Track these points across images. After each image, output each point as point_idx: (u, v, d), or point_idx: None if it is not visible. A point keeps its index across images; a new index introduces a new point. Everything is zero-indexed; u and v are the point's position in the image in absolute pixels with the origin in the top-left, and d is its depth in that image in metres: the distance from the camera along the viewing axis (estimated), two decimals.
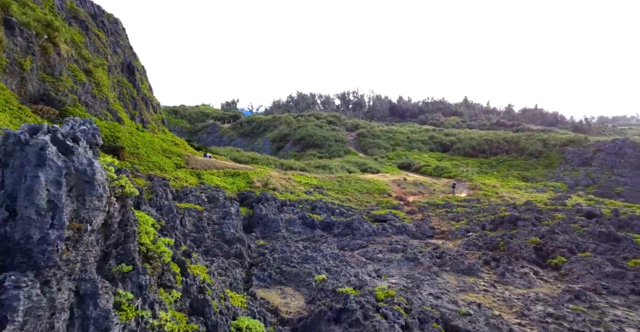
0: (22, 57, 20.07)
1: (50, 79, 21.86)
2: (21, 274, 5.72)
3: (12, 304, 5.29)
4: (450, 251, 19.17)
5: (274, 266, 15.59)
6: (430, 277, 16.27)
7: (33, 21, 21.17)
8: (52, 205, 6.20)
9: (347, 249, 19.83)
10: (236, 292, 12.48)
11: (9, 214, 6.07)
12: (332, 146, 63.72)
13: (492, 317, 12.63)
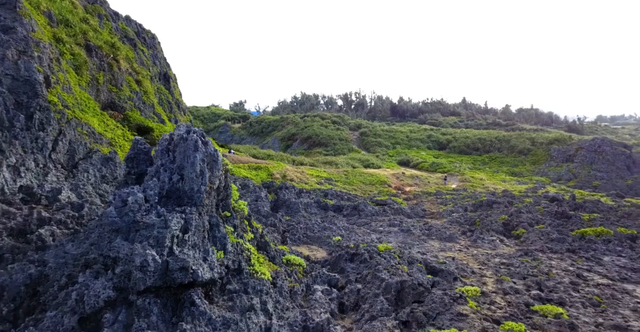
0: (97, 73, 25.30)
1: (114, 89, 27.10)
2: (190, 208, 10.99)
3: (191, 221, 10.55)
4: (436, 226, 24.32)
5: (300, 233, 20.77)
6: (419, 242, 21.40)
7: (103, 43, 26.42)
8: (202, 172, 11.48)
9: (354, 225, 24.98)
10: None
11: (180, 177, 11.33)
12: (337, 144, 68.86)
13: (461, 264, 17.79)
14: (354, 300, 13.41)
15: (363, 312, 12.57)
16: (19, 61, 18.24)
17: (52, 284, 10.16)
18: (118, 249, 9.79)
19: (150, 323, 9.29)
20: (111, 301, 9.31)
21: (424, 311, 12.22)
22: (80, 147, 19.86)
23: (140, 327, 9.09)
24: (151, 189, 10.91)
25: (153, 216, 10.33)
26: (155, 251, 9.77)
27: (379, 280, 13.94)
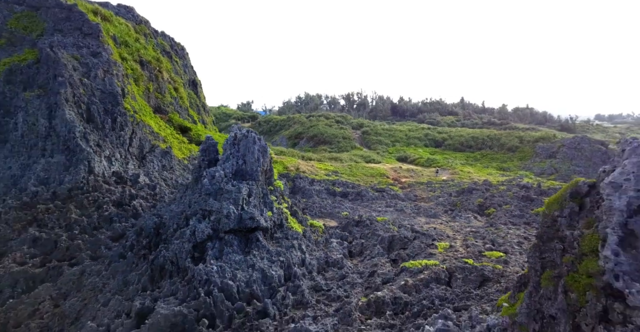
0: (148, 83, 31.09)
1: (159, 96, 32.89)
2: (251, 182, 16.80)
3: (252, 190, 16.32)
4: (424, 207, 30.06)
5: (316, 210, 26.55)
6: (409, 218, 27.12)
7: (151, 58, 32.22)
8: (258, 159, 17.31)
9: (358, 206, 30.72)
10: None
11: (243, 161, 17.16)
12: (341, 142, 74.55)
13: (440, 231, 23.50)
14: (358, 249, 19.19)
15: (365, 255, 18.35)
16: (105, 78, 24.05)
17: (168, 227, 15.97)
18: (212, 205, 15.57)
19: (233, 250, 15.11)
20: (210, 236, 15.11)
21: (406, 253, 17.98)
22: (146, 143, 25.65)
23: (228, 252, 14.92)
24: (227, 169, 16.67)
25: (230, 186, 16.12)
26: (233, 207, 15.56)
27: (376, 236, 19.72)
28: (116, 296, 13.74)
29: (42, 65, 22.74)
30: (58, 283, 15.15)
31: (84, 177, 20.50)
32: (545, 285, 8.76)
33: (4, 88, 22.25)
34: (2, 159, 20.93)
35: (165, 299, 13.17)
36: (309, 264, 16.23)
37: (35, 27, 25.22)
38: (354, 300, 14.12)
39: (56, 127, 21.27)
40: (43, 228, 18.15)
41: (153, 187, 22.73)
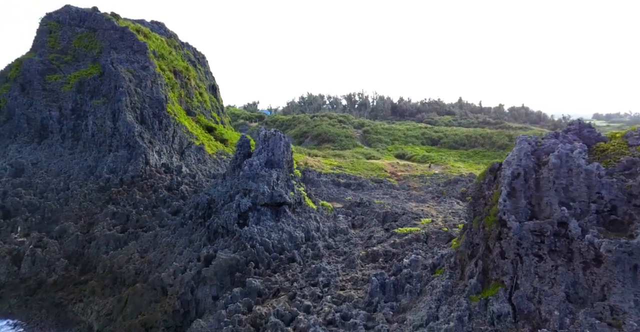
0: (180, 90, 36.58)
1: (188, 100, 38.37)
2: (279, 169, 22.38)
3: (280, 175, 21.98)
4: (415, 194, 35.49)
5: (324, 195, 32.01)
6: (402, 203, 32.53)
7: (182, 68, 37.73)
8: (283, 152, 22.87)
9: (359, 194, 36.17)
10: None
11: (272, 154, 22.74)
12: (343, 141, 79.96)
13: (426, 212, 28.92)
14: (359, 222, 24.66)
15: (364, 226, 23.82)
16: (152, 87, 29.55)
17: (217, 203, 21.43)
18: (251, 186, 21.04)
19: (267, 218, 20.60)
20: (250, 207, 20.59)
21: (397, 224, 23.43)
22: (184, 141, 31.14)
23: (264, 219, 20.41)
24: (261, 159, 22.13)
25: (264, 171, 21.60)
26: (267, 187, 21.03)
27: (373, 213, 25.20)
28: (186, 248, 19.26)
29: (105, 78, 28.24)
30: (139, 242, 20.69)
31: (142, 168, 26.01)
32: (475, 225, 14.22)
33: (76, 97, 27.76)
34: (78, 153, 26.45)
35: (222, 250, 18.65)
36: (322, 231, 21.71)
37: (94, 46, 30.72)
38: (356, 253, 19.57)
39: (119, 128, 26.77)
40: (117, 205, 23.71)
41: (193, 176, 28.26)
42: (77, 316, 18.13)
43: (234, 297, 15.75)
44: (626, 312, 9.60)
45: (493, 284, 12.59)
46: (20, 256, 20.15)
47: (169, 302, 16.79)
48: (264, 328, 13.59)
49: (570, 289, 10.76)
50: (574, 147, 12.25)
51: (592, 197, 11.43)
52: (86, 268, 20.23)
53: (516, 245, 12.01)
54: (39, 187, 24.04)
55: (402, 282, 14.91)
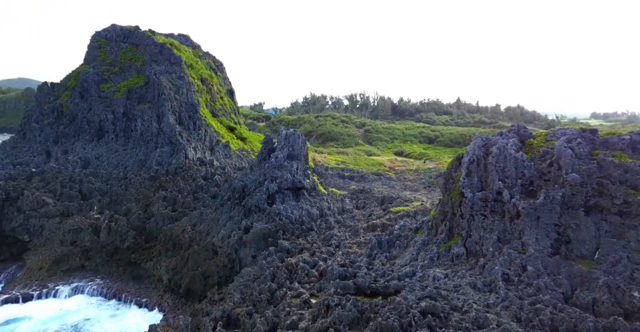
0: (206, 95, 42.25)
1: (213, 104, 44.05)
2: (298, 161, 28.17)
3: (299, 166, 27.79)
4: (410, 184, 41.12)
5: (332, 185, 37.68)
6: (397, 191, 38.18)
7: (207, 76, 43.43)
8: (301, 147, 28.77)
9: (362, 184, 41.81)
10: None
11: (292, 149, 28.58)
12: (346, 139, 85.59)
13: (417, 198, 34.57)
14: (362, 204, 30.34)
15: (366, 207, 29.50)
16: (187, 94, 35.24)
17: (249, 187, 27.14)
18: (277, 174, 26.74)
19: (290, 199, 26.33)
20: (276, 191, 26.30)
21: (392, 205, 29.10)
22: (213, 139, 36.80)
23: (287, 200, 26.14)
24: (283, 153, 27.81)
25: (286, 163, 27.29)
26: (289, 174, 26.73)
27: (373, 197, 30.89)
28: (228, 222, 24.97)
29: (150, 86, 33.93)
30: (189, 218, 26.41)
31: (183, 161, 31.74)
32: (445, 198, 19.90)
33: (126, 102, 33.48)
34: (130, 149, 32.18)
35: (257, 222, 24.34)
36: (332, 209, 27.39)
37: (137, 59, 36.41)
38: (360, 225, 25.24)
39: (163, 128, 32.48)
40: (166, 191, 29.42)
41: (223, 168, 33.97)
42: (149, 271, 23.88)
43: (270, 253, 21.45)
44: (530, 244, 15.23)
45: (455, 236, 18.24)
46: (98, 228, 25.81)
47: (219, 259, 22.51)
48: (295, 271, 19.26)
49: (501, 234, 16.41)
50: (508, 142, 17.90)
51: (518, 175, 17.07)
52: (149, 237, 25.94)
53: (470, 209, 17.66)
54: (104, 176, 29.75)
55: (393, 240, 20.58)
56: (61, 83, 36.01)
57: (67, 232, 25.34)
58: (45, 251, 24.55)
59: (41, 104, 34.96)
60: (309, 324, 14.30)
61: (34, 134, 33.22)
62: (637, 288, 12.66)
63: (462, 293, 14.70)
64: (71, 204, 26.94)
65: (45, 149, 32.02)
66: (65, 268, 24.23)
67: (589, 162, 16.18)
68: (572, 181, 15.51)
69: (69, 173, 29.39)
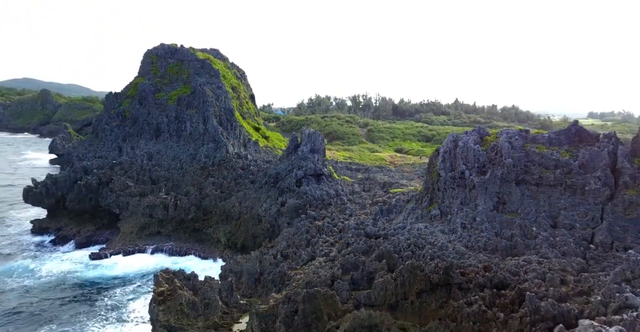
0: (236, 101, 50.45)
1: (240, 108, 52.26)
2: (319, 154, 36.54)
3: (320, 158, 36.16)
4: (407, 175, 49.25)
5: (342, 175, 45.89)
6: (396, 180, 46.33)
7: (236, 84, 51.67)
8: (321, 143, 37.11)
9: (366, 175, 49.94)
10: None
11: (313, 145, 36.93)
12: (350, 138, 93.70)
13: (412, 184, 42.76)
14: (367, 188, 38.55)
15: (371, 190, 37.72)
16: (225, 101, 43.48)
17: (282, 174, 35.41)
18: (302, 164, 35.00)
19: (313, 183, 34.66)
20: (303, 176, 34.56)
21: (391, 188, 37.31)
22: (245, 137, 45.01)
23: (311, 183, 34.46)
24: (307, 147, 36.01)
25: (310, 155, 35.54)
26: (312, 164, 35.00)
27: (377, 183, 39.12)
28: (267, 199, 33.19)
29: (196, 95, 42.15)
30: (236, 197, 34.64)
31: (224, 155, 39.94)
32: (428, 177, 28.09)
33: (177, 108, 41.70)
34: (182, 145, 40.43)
35: (289, 199, 32.50)
36: (345, 191, 35.56)
37: (183, 72, 44.63)
38: (366, 202, 33.36)
39: (208, 129, 40.70)
40: (214, 178, 37.63)
41: (255, 161, 42.18)
42: (209, 235, 32.12)
43: (301, 219, 29.63)
44: (479, 205, 23.34)
45: (433, 203, 26.35)
46: (167, 204, 34.00)
47: (263, 225, 30.74)
48: (322, 228, 27.42)
49: (462, 200, 24.53)
50: (470, 138, 26.04)
51: (475, 160, 25.17)
52: (206, 211, 34.14)
53: (444, 184, 25.77)
54: (165, 166, 37.98)
55: (391, 209, 28.74)
56: (122, 92, 44.27)
57: (145, 207, 33.59)
58: (132, 221, 32.82)
59: (108, 110, 43.25)
60: (336, 253, 22.49)
61: (105, 134, 41.52)
62: (536, 226, 20.80)
63: (434, 235, 22.85)
64: (145, 187, 35.19)
65: (117, 145, 40.29)
66: (147, 233, 32.52)
67: (520, 151, 24.29)
68: (508, 164, 23.60)
69: (139, 164, 37.67)
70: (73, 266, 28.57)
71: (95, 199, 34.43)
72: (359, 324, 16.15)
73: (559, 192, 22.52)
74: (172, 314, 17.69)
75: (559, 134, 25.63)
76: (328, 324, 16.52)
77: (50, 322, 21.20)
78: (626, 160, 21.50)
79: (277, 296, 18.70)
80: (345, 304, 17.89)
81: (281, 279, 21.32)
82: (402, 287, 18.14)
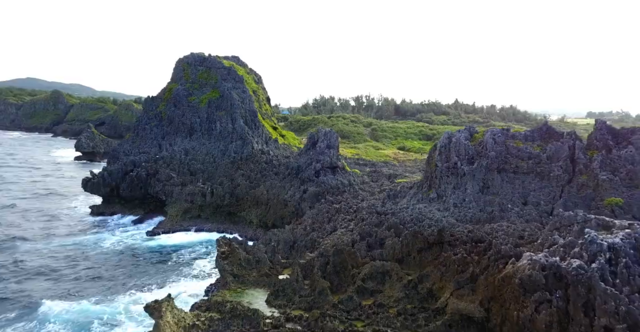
0: (256, 103, 56.37)
1: (260, 109, 58.17)
2: (334, 149, 42.52)
3: (334, 152, 42.20)
4: (409, 168, 55.13)
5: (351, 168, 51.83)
6: (400, 172, 52.20)
7: (256, 88, 57.63)
8: (336, 140, 43.14)
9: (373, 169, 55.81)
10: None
11: (329, 142, 42.88)
12: (356, 137, 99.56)
13: (414, 176, 48.67)
14: (375, 179, 44.49)
15: (378, 180, 43.68)
16: (249, 104, 49.45)
17: (303, 166, 41.36)
18: (320, 158, 40.98)
19: (329, 174, 40.63)
20: (320, 168, 40.49)
21: (396, 179, 43.24)
22: (267, 136, 50.93)
23: (327, 174, 40.48)
24: (324, 143, 41.92)
25: (326, 150, 41.47)
26: (329, 158, 40.95)
27: (383, 175, 45.10)
28: (291, 188, 39.15)
29: (224, 99, 48.11)
30: (263, 186, 40.61)
31: (250, 151, 45.91)
32: (427, 168, 34.01)
33: (207, 110, 47.67)
34: (214, 143, 46.42)
35: (310, 187, 38.43)
36: (356, 181, 41.46)
37: (211, 78, 50.56)
38: (375, 190, 39.25)
39: (236, 128, 46.67)
40: (243, 170, 43.61)
41: (277, 156, 48.15)
42: (242, 217, 38.10)
43: (322, 203, 35.53)
44: (468, 189, 29.18)
45: (431, 189, 32.20)
46: (204, 192, 39.91)
47: (289, 208, 36.68)
48: (340, 209, 33.30)
49: (455, 185, 30.38)
50: (461, 135, 31.89)
51: (465, 153, 31.00)
52: (238, 198, 40.06)
53: (440, 173, 31.63)
54: (200, 160, 43.95)
55: (396, 193, 34.62)
56: (158, 96, 50.26)
57: (187, 195, 39.58)
58: (176, 206, 38.81)
59: (147, 112, 49.25)
60: (354, 226, 28.38)
61: (146, 133, 47.53)
62: (511, 203, 26.67)
63: (432, 212, 28.71)
64: (185, 178, 41.19)
65: (157, 143, 46.28)
66: (189, 216, 38.51)
67: (501, 146, 30.14)
68: (491, 156, 29.43)
69: (178, 158, 43.68)
70: (134, 240, 34.61)
71: (145, 188, 40.49)
72: (375, 270, 22.09)
73: (531, 178, 28.36)
74: (234, 266, 23.64)
75: (532, 132, 31.55)
76: (352, 271, 22.45)
77: (134, 279, 27.13)
78: (581, 152, 27.36)
79: (311, 254, 24.65)
80: (364, 259, 23.82)
81: (312, 245, 27.26)
82: (406, 247, 24.06)
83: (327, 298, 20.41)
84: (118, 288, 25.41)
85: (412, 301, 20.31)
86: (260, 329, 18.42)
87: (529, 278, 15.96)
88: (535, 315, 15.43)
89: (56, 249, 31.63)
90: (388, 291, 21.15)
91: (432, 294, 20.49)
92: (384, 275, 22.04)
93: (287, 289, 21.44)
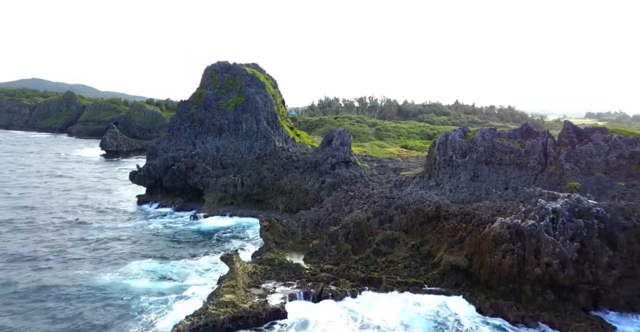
0: (274, 106, 62.95)
1: (278, 112, 64.67)
2: (346, 147, 49.03)
3: (347, 148, 48.77)
4: (412, 164, 61.55)
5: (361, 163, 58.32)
6: (403, 167, 58.60)
7: (274, 92, 64.20)
8: (348, 138, 49.79)
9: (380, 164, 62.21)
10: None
11: (342, 140, 49.48)
12: (361, 136, 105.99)
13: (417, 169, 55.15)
14: (382, 172, 51.01)
15: (385, 173, 50.18)
16: (270, 107, 55.99)
17: (320, 161, 47.94)
18: (335, 153, 47.49)
19: (343, 167, 47.29)
20: (335, 163, 47.03)
21: (401, 171, 49.73)
22: (286, 135, 57.42)
23: (341, 167, 47.03)
24: (338, 141, 48.38)
25: (340, 147, 47.96)
26: (343, 154, 47.49)
27: (389, 168, 51.62)
28: (310, 179, 45.66)
29: (249, 102, 54.64)
30: (287, 178, 47.17)
31: (273, 148, 52.45)
32: (427, 161, 40.49)
33: (234, 112, 54.22)
34: (240, 141, 52.99)
35: (327, 179, 44.89)
36: (366, 174, 47.92)
37: (236, 84, 57.09)
38: (383, 181, 45.66)
39: (260, 128, 53.21)
40: (267, 165, 50.16)
41: (295, 153, 54.67)
42: (269, 205, 44.62)
43: (338, 191, 41.96)
44: (461, 177, 35.57)
45: (431, 178, 38.59)
46: (235, 184, 46.38)
47: (310, 196, 43.18)
48: (354, 195, 39.75)
49: (450, 175, 36.77)
50: (456, 134, 38.29)
51: (460, 148, 37.39)
52: (265, 188, 46.52)
53: (438, 165, 38.04)
54: (230, 156, 50.46)
55: (402, 183, 41.04)
56: (189, 100, 56.83)
57: (221, 186, 46.09)
58: (212, 195, 45.34)
59: (180, 114, 55.84)
60: (367, 207, 34.82)
61: (180, 133, 54.10)
62: (495, 188, 33.06)
63: (431, 197, 35.12)
64: (219, 171, 47.69)
65: (191, 141, 52.84)
66: (224, 203, 45.04)
67: (489, 142, 36.52)
68: (480, 151, 35.80)
69: (211, 154, 50.24)
70: (179, 224, 41.13)
71: (184, 179, 47.07)
72: (386, 238, 28.54)
73: (512, 168, 34.75)
74: (275, 235, 30.16)
75: (514, 131, 38.01)
76: (368, 238, 28.91)
77: (189, 250, 33.63)
78: (552, 147, 33.76)
79: (335, 227, 31.13)
80: (377, 230, 30.30)
81: (334, 222, 33.74)
82: (410, 221, 30.50)
83: (350, 257, 26.92)
84: (179, 254, 31.96)
85: (415, 259, 26.78)
86: (302, 276, 24.91)
87: (499, 235, 22.37)
88: (502, 260, 21.83)
89: (119, 228, 38.23)
90: (397, 252, 27.63)
91: (430, 253, 26.96)
92: (393, 241, 28.50)
93: (319, 251, 27.95)
